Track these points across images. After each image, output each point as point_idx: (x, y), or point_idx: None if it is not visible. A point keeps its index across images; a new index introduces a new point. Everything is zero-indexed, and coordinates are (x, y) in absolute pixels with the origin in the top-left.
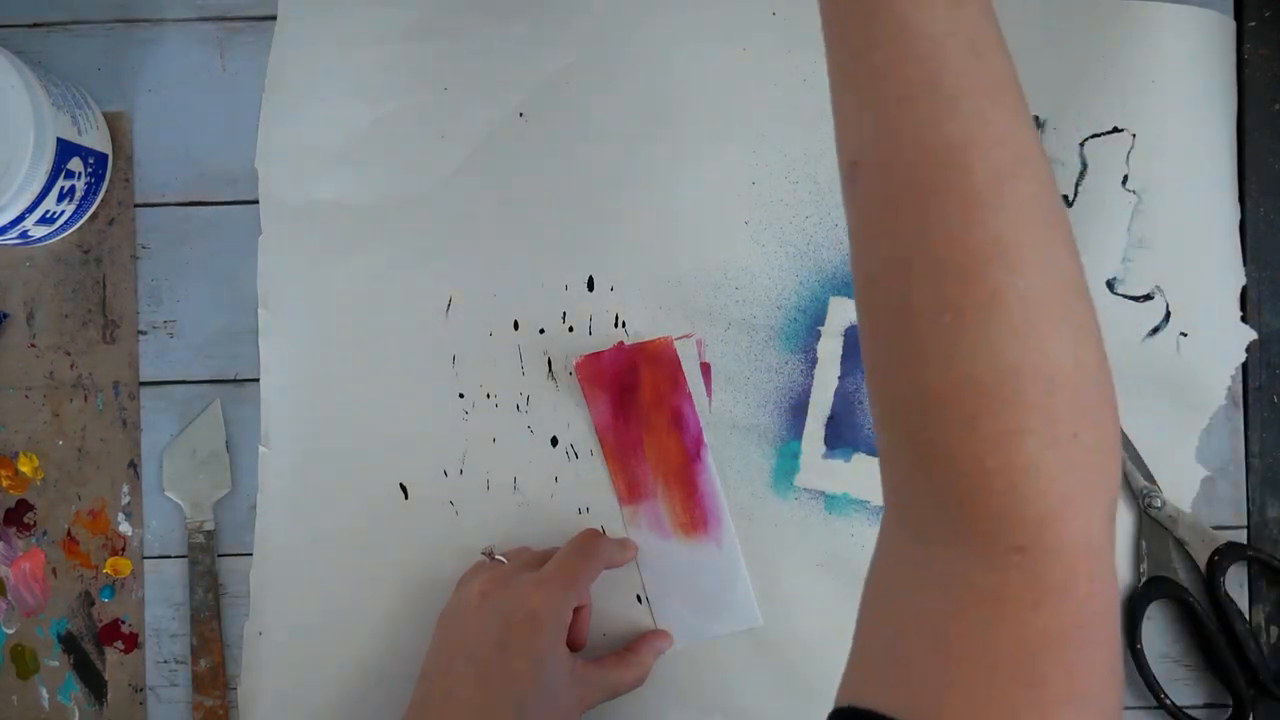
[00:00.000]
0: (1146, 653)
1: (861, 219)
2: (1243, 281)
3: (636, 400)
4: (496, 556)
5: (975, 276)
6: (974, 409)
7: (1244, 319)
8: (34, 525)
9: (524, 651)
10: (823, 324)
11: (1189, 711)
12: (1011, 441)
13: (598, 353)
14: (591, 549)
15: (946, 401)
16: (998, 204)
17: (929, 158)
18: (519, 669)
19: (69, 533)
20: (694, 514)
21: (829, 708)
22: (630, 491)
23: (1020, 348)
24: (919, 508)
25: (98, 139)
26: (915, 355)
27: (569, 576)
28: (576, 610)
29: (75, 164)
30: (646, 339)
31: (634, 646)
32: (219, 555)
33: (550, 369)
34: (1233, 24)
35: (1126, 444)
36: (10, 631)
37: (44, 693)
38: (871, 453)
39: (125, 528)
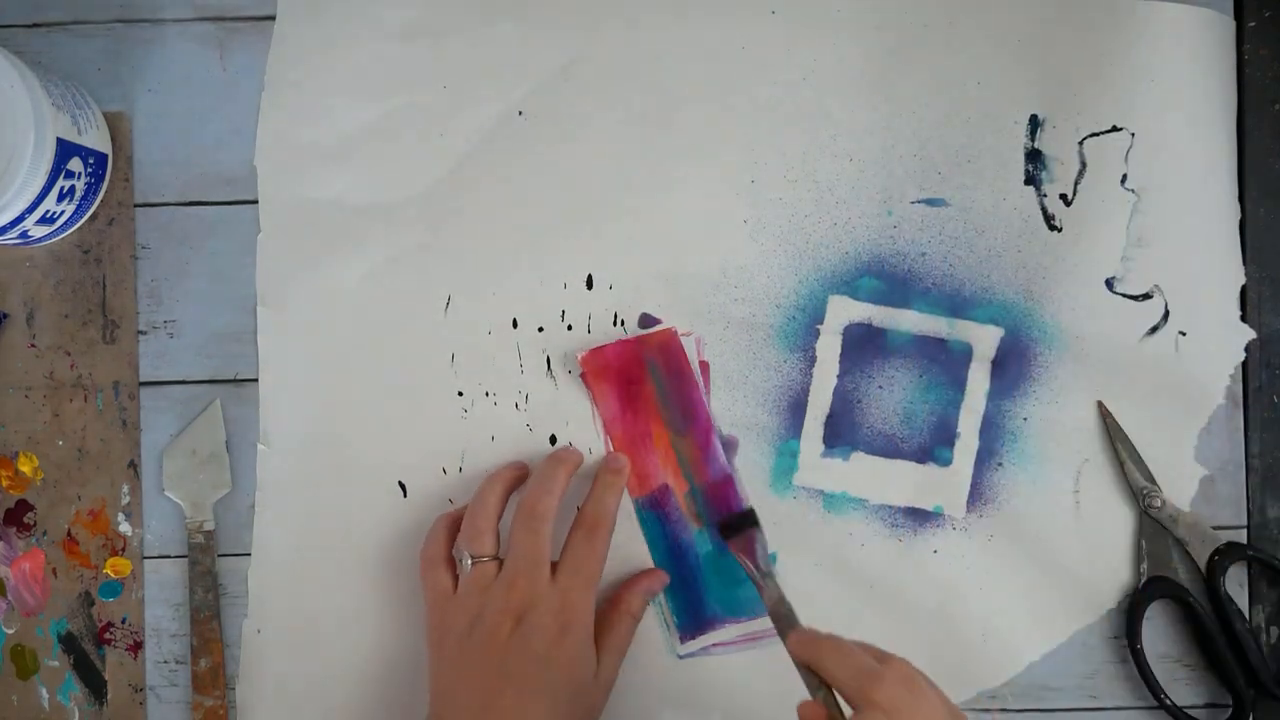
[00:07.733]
0: (1146, 653)
1: None
2: (1242, 281)
3: (643, 392)
4: (468, 559)
5: None
6: None
7: (1243, 319)
8: (34, 525)
9: (561, 660)
10: (821, 322)
11: (1189, 711)
12: None
13: (601, 346)
14: (598, 531)
15: None
16: None
17: None
18: (559, 677)
19: (69, 533)
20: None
21: None
22: (641, 484)
23: None
24: None
25: (98, 139)
26: None
27: (587, 573)
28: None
29: (75, 164)
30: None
31: (619, 594)
32: (219, 555)
33: (549, 367)
34: (1233, 24)
35: (1126, 444)
36: (10, 631)
37: (44, 693)
38: (870, 451)
39: (125, 528)
